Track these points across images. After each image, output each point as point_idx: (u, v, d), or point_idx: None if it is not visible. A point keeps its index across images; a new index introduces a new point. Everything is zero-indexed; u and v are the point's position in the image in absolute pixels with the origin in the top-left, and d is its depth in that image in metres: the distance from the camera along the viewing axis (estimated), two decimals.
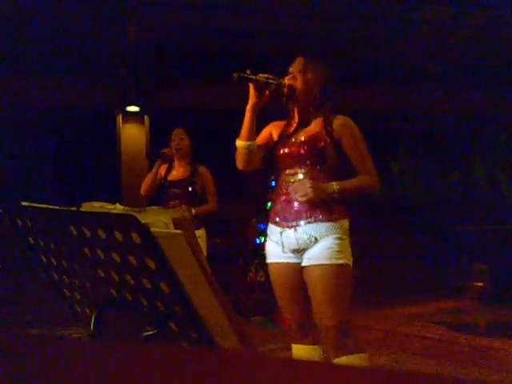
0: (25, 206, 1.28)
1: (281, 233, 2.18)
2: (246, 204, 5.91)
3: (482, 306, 5.65)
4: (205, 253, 3.53)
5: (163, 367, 0.61)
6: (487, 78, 6.75)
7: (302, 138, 2.21)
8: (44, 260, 1.39)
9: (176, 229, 1.11)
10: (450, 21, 5.84)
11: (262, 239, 5.19)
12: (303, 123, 2.26)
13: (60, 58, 5.85)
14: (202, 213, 3.57)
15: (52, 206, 1.22)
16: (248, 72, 2.11)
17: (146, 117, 6.39)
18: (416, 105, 7.16)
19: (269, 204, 5.29)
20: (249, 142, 2.20)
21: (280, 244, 2.19)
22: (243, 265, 5.46)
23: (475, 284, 5.99)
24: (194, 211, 3.50)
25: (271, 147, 2.29)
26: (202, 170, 3.70)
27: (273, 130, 2.34)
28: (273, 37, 5.98)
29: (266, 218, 5.29)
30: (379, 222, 7.21)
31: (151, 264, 1.09)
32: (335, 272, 2.08)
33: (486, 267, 6.05)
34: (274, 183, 5.43)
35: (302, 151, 2.18)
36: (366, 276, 5.73)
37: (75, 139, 6.61)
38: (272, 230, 2.24)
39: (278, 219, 2.20)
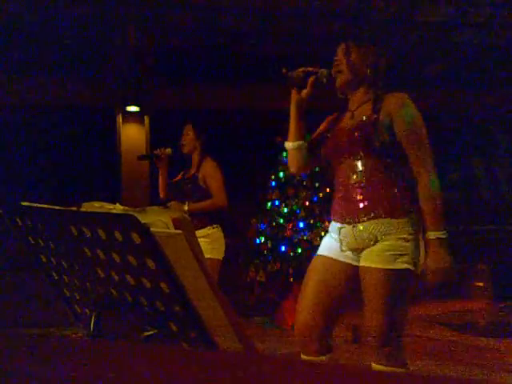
0: (25, 206, 1.28)
1: (340, 229, 2.01)
2: (246, 204, 5.90)
3: (482, 306, 5.65)
4: (220, 255, 3.35)
5: (163, 367, 0.61)
6: (487, 78, 6.75)
7: (351, 125, 2.01)
8: (44, 260, 1.39)
9: (176, 229, 1.11)
10: (449, 21, 5.83)
11: (262, 239, 5.19)
12: (355, 109, 2.06)
13: (60, 58, 5.85)
14: (198, 209, 3.32)
15: (52, 206, 1.22)
16: (284, 70, 2.01)
17: (145, 117, 6.39)
18: (416, 105, 7.14)
19: (269, 204, 5.29)
20: (296, 143, 2.08)
21: (339, 241, 2.01)
22: (243, 265, 5.46)
23: (475, 284, 5.98)
24: (185, 206, 3.30)
25: (322, 142, 2.11)
26: (206, 164, 3.47)
27: (326, 124, 2.19)
28: (273, 37, 5.97)
29: (266, 217, 5.32)
30: None
31: (151, 264, 1.09)
32: (393, 278, 1.88)
33: (486, 267, 6.05)
34: (274, 183, 5.45)
35: (351, 139, 1.97)
36: None
37: (75, 139, 6.61)
38: (332, 225, 2.07)
39: (337, 216, 2.03)
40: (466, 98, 7.24)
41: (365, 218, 1.93)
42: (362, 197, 1.94)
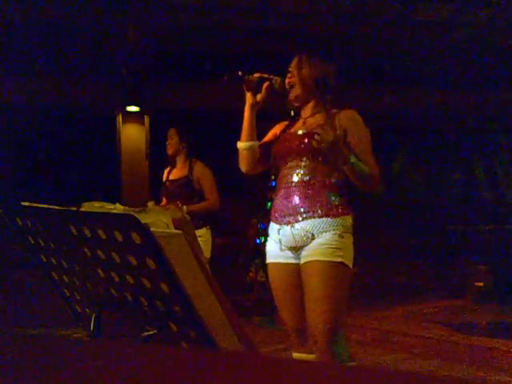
0: (25, 206, 1.28)
1: (278, 230, 2.11)
2: (246, 204, 5.91)
3: (482, 305, 5.65)
4: (208, 254, 3.44)
5: (163, 367, 0.61)
6: (487, 78, 6.75)
7: (303, 132, 2.14)
8: (44, 260, 1.39)
9: (176, 229, 1.11)
10: (449, 21, 5.84)
11: (262, 239, 5.19)
12: (305, 118, 2.20)
13: (60, 59, 5.85)
14: (195, 211, 3.39)
15: (52, 206, 1.22)
16: (240, 73, 2.11)
17: (145, 117, 6.39)
18: (416, 105, 7.15)
19: (269, 204, 5.29)
20: (249, 143, 2.16)
21: (278, 242, 2.11)
22: (243, 265, 5.46)
23: (475, 284, 5.99)
24: (185, 208, 3.36)
25: (273, 144, 2.22)
26: (198, 167, 3.59)
27: (278, 130, 2.29)
28: (273, 37, 5.98)
29: (266, 217, 5.31)
30: (379, 221, 7.21)
31: (151, 264, 1.09)
32: (330, 269, 1.97)
33: (486, 267, 6.05)
34: (274, 183, 5.44)
35: (302, 144, 2.09)
36: (366, 276, 5.73)
37: (75, 139, 6.61)
38: (271, 227, 2.17)
39: (277, 215, 2.13)
40: (466, 98, 7.24)
41: (302, 218, 2.04)
42: (301, 197, 2.05)
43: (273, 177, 2.32)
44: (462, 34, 6.13)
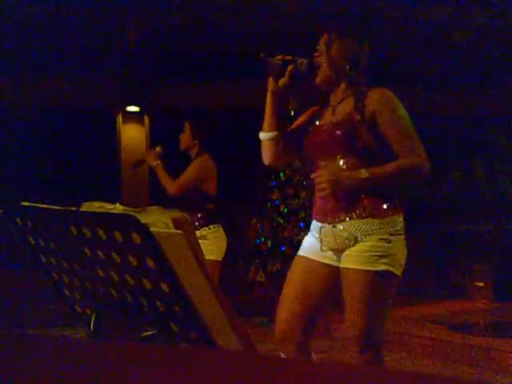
0: (25, 206, 1.28)
1: (320, 228, 1.94)
2: (246, 204, 5.90)
3: (482, 306, 5.65)
4: (220, 256, 3.29)
5: (163, 367, 0.61)
6: (487, 78, 6.75)
7: (332, 122, 1.93)
8: (44, 260, 1.39)
9: (176, 229, 1.11)
10: (449, 21, 5.83)
11: (262, 239, 5.20)
12: (336, 104, 1.99)
13: (60, 58, 5.85)
14: (160, 175, 3.29)
15: (52, 206, 1.22)
16: (262, 55, 1.92)
17: (145, 117, 6.39)
18: (416, 105, 7.15)
19: (269, 204, 5.29)
20: (271, 133, 1.98)
21: (319, 241, 1.95)
22: (243, 265, 5.46)
23: (475, 284, 5.98)
24: (158, 150, 3.35)
25: (301, 136, 2.03)
26: (193, 162, 3.39)
27: (305, 117, 2.10)
28: (273, 37, 5.97)
29: (266, 217, 5.31)
30: None
31: (151, 264, 1.09)
32: (372, 279, 1.82)
33: (486, 267, 6.04)
34: (274, 183, 5.45)
35: (333, 137, 1.89)
36: None
37: (75, 139, 6.61)
38: (314, 224, 2.01)
39: (318, 215, 1.97)
40: (466, 98, 7.24)
41: (345, 218, 1.87)
42: (342, 196, 1.87)
43: (273, 177, 2.28)
44: (463, 35, 6.13)
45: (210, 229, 3.30)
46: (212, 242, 3.27)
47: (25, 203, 1.27)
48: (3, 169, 6.28)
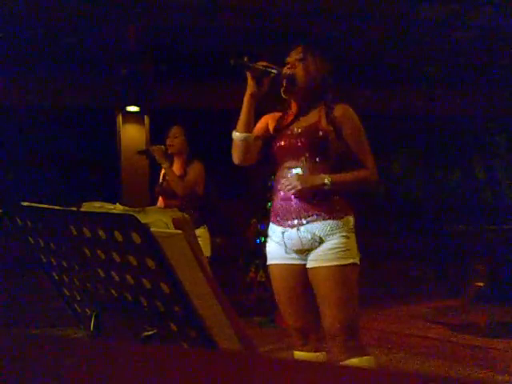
0: (25, 206, 1.28)
1: (283, 233, 2.06)
2: (246, 204, 5.91)
3: (482, 305, 5.65)
4: (208, 253, 3.43)
5: (163, 367, 0.61)
6: (486, 78, 6.75)
7: (300, 129, 2.08)
8: (44, 260, 1.39)
9: (176, 229, 1.11)
10: (450, 21, 5.84)
11: (262, 239, 5.19)
12: (301, 114, 2.14)
13: (60, 58, 5.85)
14: (169, 175, 3.43)
15: (52, 206, 1.22)
16: (246, 59, 2.02)
17: (146, 117, 6.39)
18: (416, 105, 7.16)
19: (269, 204, 5.29)
20: (245, 134, 2.08)
21: (282, 244, 2.07)
22: (243, 265, 5.46)
23: (475, 284, 5.98)
24: (162, 148, 3.47)
25: (268, 141, 2.16)
26: (192, 165, 3.53)
27: (269, 122, 2.22)
28: (272, 37, 5.97)
29: (266, 217, 5.31)
30: (379, 221, 7.21)
31: (151, 264, 1.09)
32: (343, 273, 1.98)
33: (486, 267, 6.05)
34: (274, 183, 5.44)
35: (300, 143, 2.04)
36: (366, 276, 5.72)
37: (75, 139, 6.61)
38: (273, 229, 2.12)
39: (278, 218, 2.08)
40: (466, 97, 7.24)
41: (308, 220, 2.01)
42: (301, 198, 2.02)
43: (273, 177, 2.30)
44: (462, 35, 6.13)
45: (203, 228, 3.48)
46: (202, 240, 3.40)
47: (25, 203, 1.27)
48: (3, 169, 6.28)
